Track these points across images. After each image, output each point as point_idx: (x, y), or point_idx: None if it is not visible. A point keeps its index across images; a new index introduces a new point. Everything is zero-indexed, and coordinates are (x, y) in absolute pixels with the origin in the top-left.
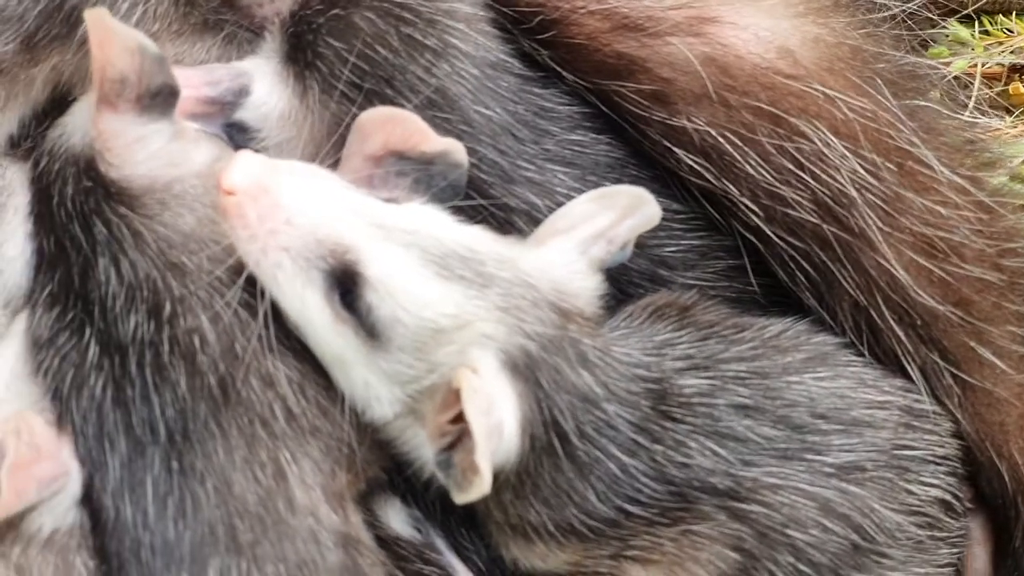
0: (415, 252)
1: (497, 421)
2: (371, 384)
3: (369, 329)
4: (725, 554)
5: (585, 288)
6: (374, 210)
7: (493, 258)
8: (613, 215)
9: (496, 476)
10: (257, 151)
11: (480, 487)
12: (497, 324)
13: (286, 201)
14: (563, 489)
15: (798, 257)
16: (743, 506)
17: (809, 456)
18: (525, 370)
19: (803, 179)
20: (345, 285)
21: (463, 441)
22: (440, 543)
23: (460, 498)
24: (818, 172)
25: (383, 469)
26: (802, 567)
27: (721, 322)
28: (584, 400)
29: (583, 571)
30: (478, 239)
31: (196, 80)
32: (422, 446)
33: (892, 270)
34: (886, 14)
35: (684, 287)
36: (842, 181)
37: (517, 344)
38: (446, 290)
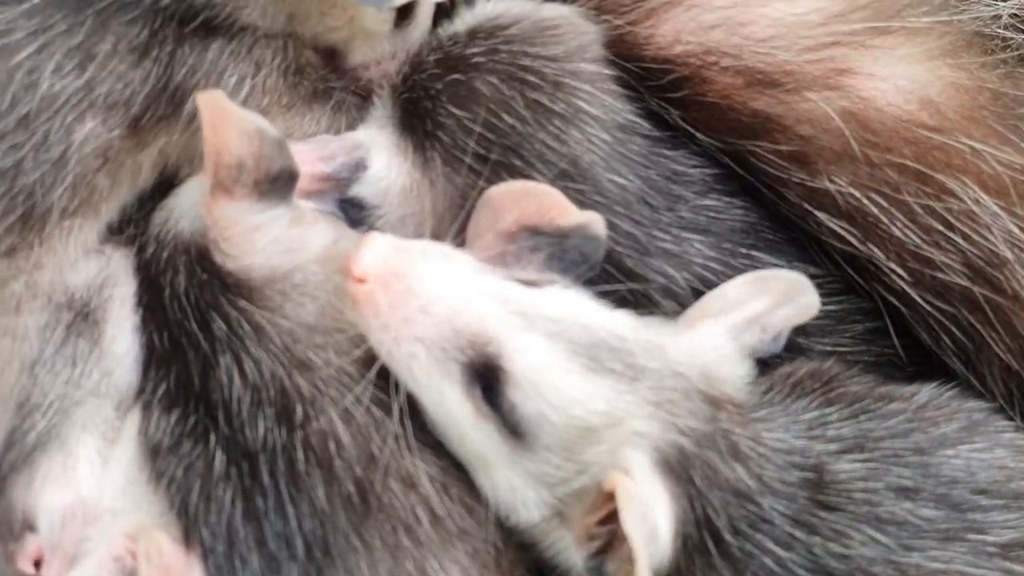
0: (561, 343)
1: (652, 526)
2: (516, 487)
3: (513, 427)
4: None
5: (735, 375)
6: (515, 296)
7: (642, 347)
8: (769, 301)
9: None
10: (375, 228)
11: None
12: (650, 420)
13: (420, 287)
14: None
15: (945, 321)
16: None
17: (971, 536)
18: (678, 468)
19: (953, 240)
20: (486, 379)
21: (615, 545)
22: None
23: None
24: (969, 232)
25: (528, 570)
26: None
27: (868, 394)
28: (737, 495)
29: None
30: (625, 326)
31: (310, 156)
32: (568, 549)
33: None
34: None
35: (822, 354)
36: (994, 241)
37: (670, 441)
38: (595, 385)
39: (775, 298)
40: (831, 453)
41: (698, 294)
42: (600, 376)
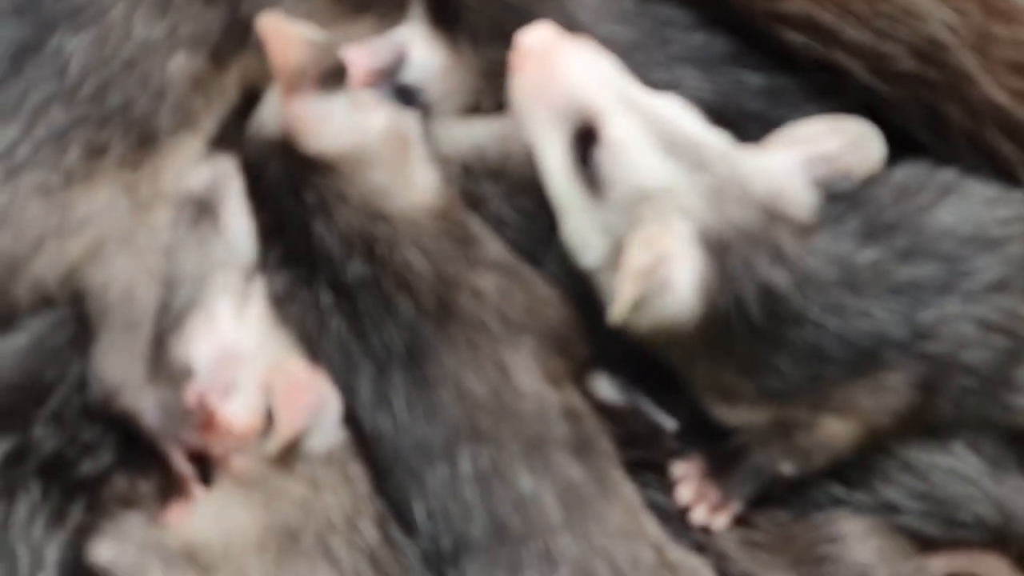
0: (649, 128)
1: (664, 274)
2: (587, 231)
3: (594, 181)
4: (912, 396)
5: (801, 198)
6: (629, 89)
7: (717, 152)
8: (840, 142)
9: (678, 337)
10: (425, 106)
11: (618, 308)
12: (701, 201)
13: (558, 66)
14: (756, 360)
15: (909, 102)
16: (923, 347)
17: (962, 283)
18: (718, 250)
19: (899, 33)
20: (586, 141)
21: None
22: (646, 404)
23: (610, 315)
24: (912, 24)
25: (588, 352)
26: (974, 382)
27: (857, 184)
28: (770, 292)
29: (783, 420)
30: (712, 136)
31: (361, 55)
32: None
33: (993, 98)
34: None
35: None
36: (935, 28)
37: (713, 225)
38: (663, 163)
39: (846, 140)
40: (854, 246)
41: None
42: (672, 159)
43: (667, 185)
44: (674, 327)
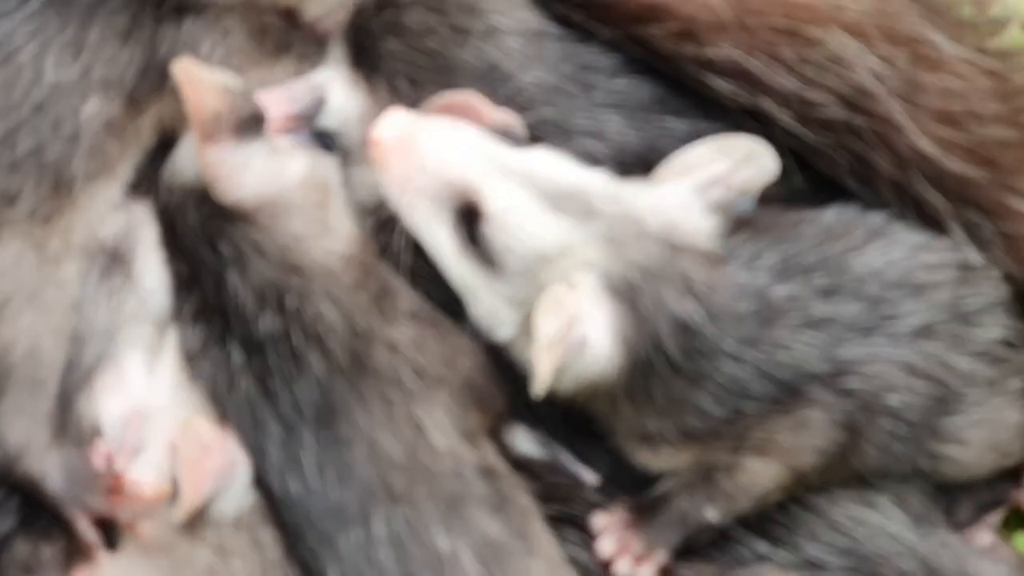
0: (530, 190)
1: (580, 335)
2: (495, 309)
3: (488, 257)
4: (834, 434)
5: (701, 226)
6: (498, 153)
7: (602, 195)
8: (730, 162)
9: (602, 392)
10: (344, 152)
11: (539, 381)
12: (599, 252)
13: (420, 149)
14: (677, 400)
15: (835, 150)
16: (846, 384)
17: (887, 325)
18: (627, 294)
19: (827, 81)
20: (470, 220)
21: None
22: (565, 457)
23: (533, 389)
24: (839, 72)
25: (505, 403)
26: (899, 428)
27: (781, 223)
28: (686, 327)
29: (706, 463)
30: (594, 180)
31: (279, 100)
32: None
33: (919, 147)
34: None
35: None
36: (862, 76)
37: (619, 271)
38: (553, 222)
39: (736, 159)
40: (769, 280)
41: (617, 161)
42: (560, 215)
43: (561, 242)
44: (598, 382)
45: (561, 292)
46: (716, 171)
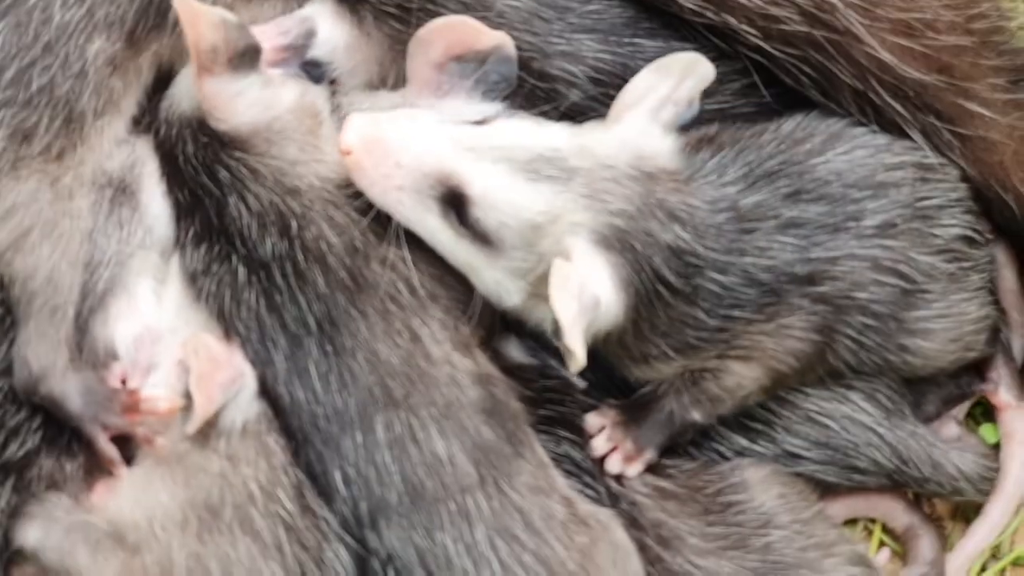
0: (505, 164)
1: (591, 297)
2: (499, 280)
3: (483, 238)
4: (811, 338)
5: (663, 148)
6: (464, 136)
7: (573, 152)
8: (673, 80)
9: (611, 333)
10: (333, 79)
11: (576, 363)
12: (584, 211)
13: (391, 147)
14: (677, 318)
15: (798, 63)
16: (820, 288)
17: (852, 224)
18: (618, 243)
19: None
20: (456, 205)
21: None
22: (554, 362)
23: (570, 368)
24: None
25: (495, 316)
26: (869, 321)
27: (744, 136)
28: (677, 250)
29: (693, 370)
30: (558, 137)
31: (270, 34)
32: (548, 320)
33: (879, 56)
34: None
35: (711, 114)
36: None
37: (605, 223)
38: (535, 191)
39: (677, 76)
40: (739, 191)
41: (594, 81)
42: (539, 183)
43: (548, 210)
44: (609, 329)
45: (564, 267)
46: (662, 92)
